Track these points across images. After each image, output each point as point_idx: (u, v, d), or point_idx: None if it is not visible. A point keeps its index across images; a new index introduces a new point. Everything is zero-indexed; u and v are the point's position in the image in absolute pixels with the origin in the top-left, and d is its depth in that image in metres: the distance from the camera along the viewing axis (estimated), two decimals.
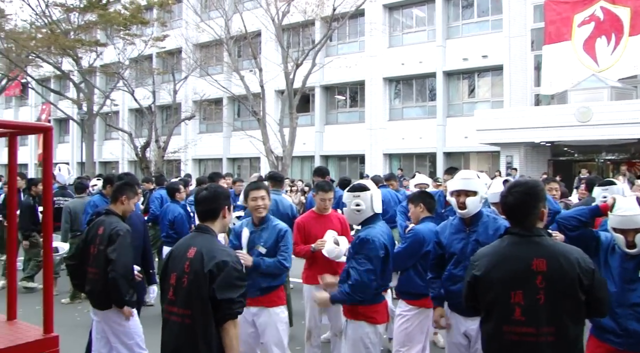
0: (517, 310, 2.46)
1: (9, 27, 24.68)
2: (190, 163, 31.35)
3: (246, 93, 20.06)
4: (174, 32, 26.88)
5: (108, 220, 4.16)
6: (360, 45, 26.14)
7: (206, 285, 2.74)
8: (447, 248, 4.03)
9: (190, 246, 2.90)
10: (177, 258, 2.93)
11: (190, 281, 2.80)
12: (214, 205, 3.03)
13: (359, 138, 25.76)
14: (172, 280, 2.89)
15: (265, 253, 4.30)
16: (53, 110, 34.21)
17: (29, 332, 2.43)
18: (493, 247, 2.68)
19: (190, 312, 2.78)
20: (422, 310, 4.41)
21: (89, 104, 25.08)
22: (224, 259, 2.80)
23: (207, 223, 3.03)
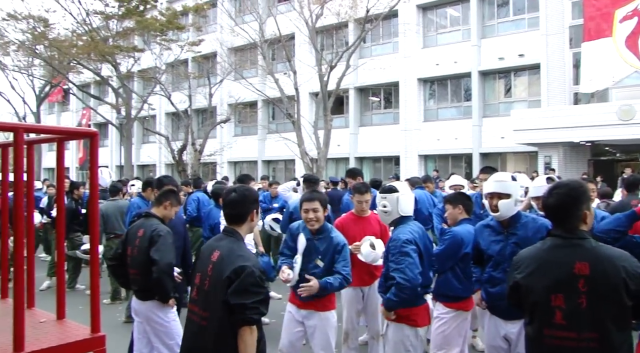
0: (558, 314, 2.41)
1: (52, 36, 25.42)
2: (225, 166, 31.70)
3: (281, 96, 20.19)
4: (209, 36, 27.28)
5: (148, 222, 4.25)
6: (394, 46, 26.02)
7: (224, 291, 2.74)
8: (485, 250, 4.00)
9: (215, 249, 2.91)
10: (203, 260, 2.96)
11: (210, 284, 2.83)
12: (242, 209, 3.01)
13: (393, 139, 25.64)
14: (196, 280, 2.93)
15: (322, 266, 4.19)
16: (93, 115, 35.03)
17: (78, 331, 2.51)
18: (534, 249, 2.63)
19: (208, 314, 2.80)
20: (459, 313, 4.37)
21: (127, 108, 25.62)
22: (242, 264, 2.76)
23: (233, 226, 3.01)
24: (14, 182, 2.24)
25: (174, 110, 25.50)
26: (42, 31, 25.18)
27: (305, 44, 24.10)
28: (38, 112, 32.96)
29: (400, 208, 4.11)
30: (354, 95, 27.10)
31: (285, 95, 20.23)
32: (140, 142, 37.24)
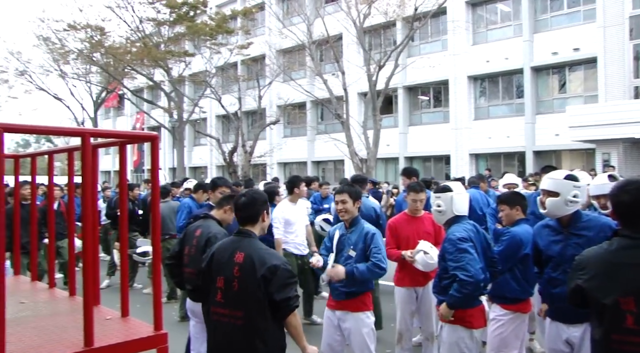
0: (629, 318, 2.29)
1: (108, 44, 26.31)
2: (275, 167, 32.01)
3: (329, 96, 20.24)
4: (257, 39, 27.62)
5: (206, 223, 4.33)
6: (443, 43, 25.67)
7: (260, 288, 2.89)
8: (544, 251, 3.90)
9: (237, 250, 3.02)
10: (222, 262, 3.04)
11: (241, 285, 2.93)
12: (253, 211, 3.18)
13: (443, 138, 25.30)
14: (219, 284, 3.00)
15: (355, 256, 4.27)
16: (146, 119, 36.06)
17: (142, 329, 2.59)
18: (600, 250, 2.49)
19: (242, 313, 2.92)
20: (517, 315, 4.27)
21: (179, 111, 26.24)
22: (274, 263, 2.95)
23: (247, 227, 3.17)
24: (82, 184, 2.34)
25: (225, 113, 25.95)
26: (99, 39, 26.09)
27: (353, 44, 24.07)
28: (95, 117, 34.15)
29: (455, 208, 4.08)
30: (402, 95, 26.89)
31: (334, 95, 20.27)
32: (191, 144, 38.02)
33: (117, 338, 2.42)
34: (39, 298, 3.26)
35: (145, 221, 9.28)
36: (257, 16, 30.23)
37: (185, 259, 4.32)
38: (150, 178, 2.65)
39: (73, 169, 3.16)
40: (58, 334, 2.45)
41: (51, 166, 3.47)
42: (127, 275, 2.76)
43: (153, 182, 2.62)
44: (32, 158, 3.62)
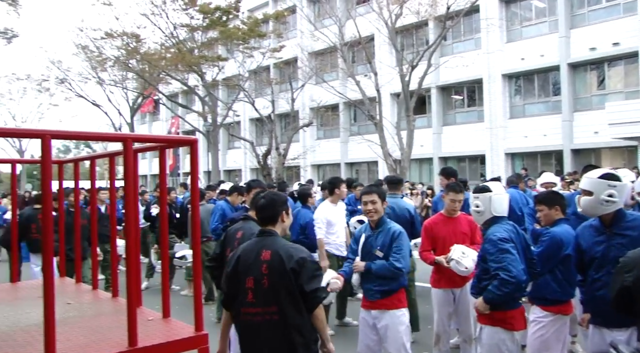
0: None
1: (143, 50, 26.86)
2: (309, 169, 32.11)
3: (362, 97, 20.21)
4: (289, 42, 27.77)
5: (247, 225, 4.38)
6: (476, 42, 25.36)
7: (291, 281, 2.98)
8: (586, 252, 3.81)
9: (262, 249, 3.09)
10: (249, 263, 3.09)
11: (271, 280, 3.01)
12: (272, 212, 3.26)
13: (478, 138, 24.98)
14: (249, 284, 3.06)
15: (382, 257, 4.29)
16: (181, 123, 36.65)
17: (183, 330, 2.64)
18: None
19: (277, 308, 3.00)
20: (558, 317, 4.18)
21: (213, 115, 26.58)
22: (301, 256, 3.06)
23: (269, 227, 3.26)
24: (125, 188, 2.40)
25: (258, 116, 26.16)
26: (135, 46, 26.66)
27: (385, 44, 24.01)
28: (132, 122, 34.85)
29: (494, 208, 4.03)
30: (436, 94, 26.66)
31: (367, 96, 20.23)
32: (226, 148, 38.43)
33: (160, 338, 2.47)
34: (83, 300, 3.35)
35: (182, 224, 9.42)
36: (289, 19, 30.40)
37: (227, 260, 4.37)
38: (190, 182, 2.71)
39: (114, 173, 3.24)
40: (103, 334, 2.52)
41: (93, 171, 3.56)
42: (168, 277, 2.81)
43: (193, 185, 2.67)
44: (75, 163, 3.72)
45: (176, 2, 24.31)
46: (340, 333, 6.74)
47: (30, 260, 9.12)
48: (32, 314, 2.90)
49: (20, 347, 2.32)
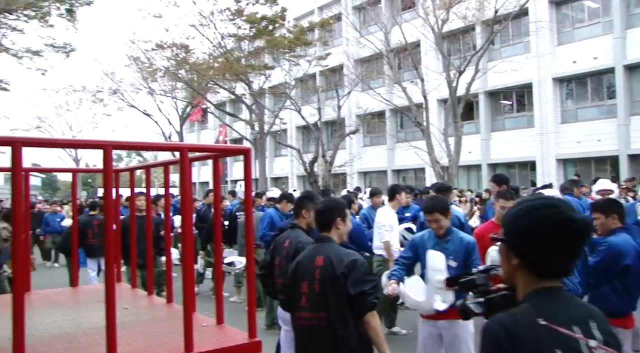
0: None
1: (192, 60, 27.47)
2: (356, 176, 32.06)
3: (409, 104, 20.08)
4: (335, 49, 27.87)
5: (294, 233, 4.41)
6: (525, 46, 24.83)
7: (340, 286, 2.99)
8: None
9: (317, 255, 3.14)
10: (305, 268, 3.16)
11: (322, 286, 3.04)
12: (327, 218, 3.32)
13: (528, 144, 24.41)
14: (303, 289, 3.11)
15: (455, 267, 4.15)
16: (229, 132, 37.23)
17: (236, 336, 2.67)
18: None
19: (326, 314, 3.00)
20: (618, 330, 4.01)
21: (260, 123, 26.89)
22: (352, 259, 3.07)
23: (325, 233, 3.31)
24: (181, 196, 2.46)
25: (304, 124, 26.32)
26: (184, 57, 27.28)
27: (431, 50, 23.80)
28: (181, 131, 35.63)
29: None
30: (484, 100, 26.23)
31: (414, 103, 20.09)
32: (273, 155, 38.79)
33: (214, 344, 2.51)
34: (139, 305, 3.45)
35: (230, 232, 9.55)
36: (334, 27, 30.52)
37: (276, 270, 4.41)
38: (245, 189, 2.76)
39: (169, 181, 3.32)
40: (159, 339, 2.58)
41: (148, 179, 3.66)
42: (222, 284, 2.87)
43: (246, 192, 2.72)
44: (130, 172, 3.84)
45: (224, 13, 24.77)
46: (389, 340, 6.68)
47: (87, 265, 9.44)
48: (92, 317, 3.00)
49: (83, 349, 2.41)
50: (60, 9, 15.26)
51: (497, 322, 1.54)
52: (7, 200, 24.50)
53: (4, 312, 3.14)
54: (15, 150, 2.00)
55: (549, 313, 1.51)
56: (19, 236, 2.01)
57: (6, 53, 18.72)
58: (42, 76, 39.21)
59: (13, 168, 2.00)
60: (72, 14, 15.34)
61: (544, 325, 1.49)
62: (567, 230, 1.55)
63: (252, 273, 2.66)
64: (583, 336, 1.49)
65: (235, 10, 24.73)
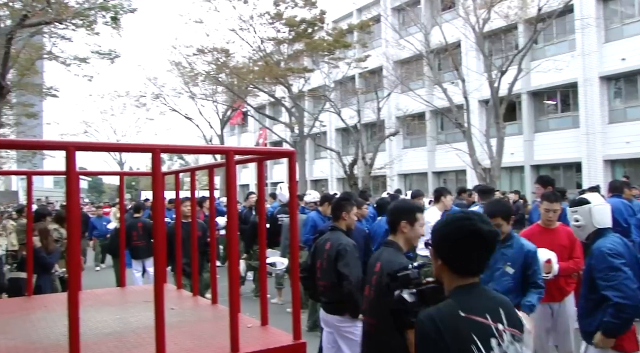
0: None
1: (232, 64, 27.84)
2: (395, 178, 31.87)
3: (449, 105, 19.85)
4: (374, 51, 27.80)
5: (334, 236, 4.41)
6: (570, 44, 24.20)
7: (386, 296, 2.85)
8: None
9: (377, 261, 3.13)
10: (370, 272, 3.18)
11: (375, 293, 3.05)
12: (392, 219, 3.26)
13: (573, 144, 23.76)
14: (365, 292, 3.16)
15: (512, 273, 4.06)
16: (269, 135, 37.50)
17: (281, 337, 2.69)
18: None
19: (375, 321, 3.02)
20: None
21: (300, 126, 27.02)
22: (397, 268, 2.92)
23: (391, 237, 3.25)
24: (227, 198, 2.49)
25: (344, 126, 26.34)
26: (224, 61, 27.67)
27: (472, 50, 23.45)
28: (222, 134, 36.11)
29: (595, 221, 3.78)
30: (527, 100, 25.68)
31: (454, 104, 19.84)
32: (312, 158, 38.90)
33: (260, 345, 2.53)
34: (185, 306, 3.51)
35: (271, 234, 9.62)
36: (374, 28, 30.40)
37: (318, 272, 4.43)
38: (289, 191, 2.78)
39: (214, 184, 3.37)
40: (206, 339, 2.62)
41: (193, 182, 3.72)
42: (266, 286, 2.89)
43: (291, 194, 2.74)
44: (176, 175, 3.91)
45: (263, 17, 25.01)
46: None
47: (132, 266, 9.66)
48: (141, 317, 3.07)
49: (133, 348, 2.47)
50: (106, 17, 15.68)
51: (427, 316, 1.92)
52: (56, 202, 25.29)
53: (58, 310, 3.25)
54: (69, 154, 2.06)
55: (468, 306, 1.89)
56: (74, 238, 2.07)
57: (56, 61, 19.34)
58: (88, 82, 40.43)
59: (67, 172, 2.06)
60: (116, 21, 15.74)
61: (463, 316, 1.87)
62: (477, 239, 1.94)
63: (296, 274, 2.68)
64: (492, 322, 1.88)
65: (274, 14, 24.93)
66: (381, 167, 25.42)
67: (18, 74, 19.32)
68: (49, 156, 32.29)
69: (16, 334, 2.73)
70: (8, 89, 9.88)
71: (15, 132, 26.70)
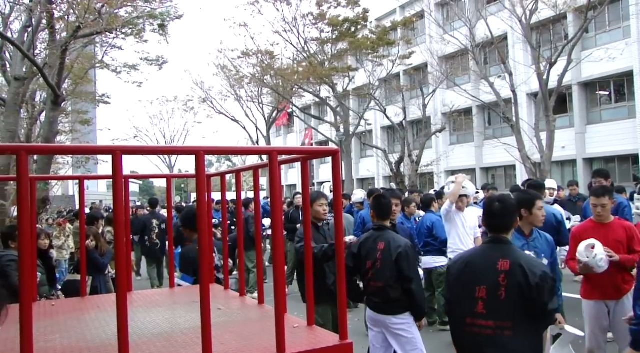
0: None
1: (277, 66, 28.08)
2: (442, 175, 31.46)
3: (497, 99, 19.43)
4: (419, 48, 27.50)
5: (388, 235, 4.38)
6: (625, 31, 23.30)
7: (533, 298, 2.85)
8: None
9: (499, 258, 2.98)
10: (481, 271, 3.03)
11: (511, 293, 2.89)
12: (507, 220, 3.13)
13: (628, 136, 22.89)
14: (480, 293, 2.97)
15: (547, 264, 4.09)
16: (314, 134, 37.65)
17: (328, 338, 2.68)
18: None
19: (512, 323, 2.88)
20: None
21: (345, 125, 27.00)
22: (544, 270, 2.94)
23: (502, 235, 3.11)
24: (271, 198, 2.50)
25: (389, 124, 26.17)
26: (269, 63, 27.94)
27: (519, 42, 22.92)
28: (268, 135, 36.46)
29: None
30: (578, 91, 24.90)
31: (502, 98, 19.42)
32: (358, 156, 38.82)
33: (306, 346, 2.52)
34: (232, 306, 3.53)
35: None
36: (417, 25, 30.11)
37: (369, 273, 4.39)
38: (334, 190, 2.76)
39: (259, 185, 3.39)
40: (252, 340, 2.63)
41: (239, 183, 3.75)
42: (312, 285, 2.88)
43: (336, 194, 2.72)
44: (221, 176, 3.95)
45: (306, 18, 25.12)
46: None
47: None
48: (189, 317, 3.11)
49: (181, 348, 2.50)
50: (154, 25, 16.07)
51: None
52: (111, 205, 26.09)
53: (110, 310, 3.33)
54: (115, 158, 2.10)
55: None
56: (120, 239, 2.11)
57: (107, 69, 19.95)
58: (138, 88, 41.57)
59: (114, 175, 2.11)
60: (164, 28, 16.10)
61: None
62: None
63: (342, 275, 2.66)
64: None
65: (317, 15, 25.01)
66: (428, 164, 25.14)
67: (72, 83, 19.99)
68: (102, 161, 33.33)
69: (70, 333, 2.81)
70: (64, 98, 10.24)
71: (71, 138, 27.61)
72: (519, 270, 2.89)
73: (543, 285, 2.86)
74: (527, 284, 2.86)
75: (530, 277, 2.86)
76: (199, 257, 2.26)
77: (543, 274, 2.88)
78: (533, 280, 2.85)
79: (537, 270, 2.89)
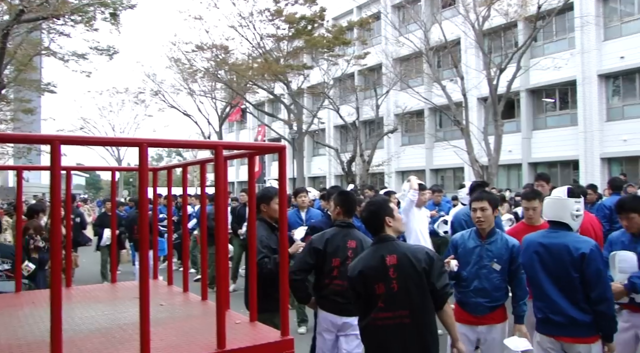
0: None
1: (231, 61, 27.79)
2: (393, 175, 31.88)
3: (448, 103, 19.83)
4: (374, 49, 27.77)
5: (355, 233, 4.21)
6: (570, 42, 24.19)
7: (424, 281, 3.07)
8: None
9: (386, 254, 3.15)
10: (374, 268, 3.15)
11: (402, 284, 3.07)
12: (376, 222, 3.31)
13: (571, 142, 23.78)
14: (379, 290, 3.11)
15: (500, 270, 4.07)
16: (267, 132, 37.48)
17: (269, 334, 2.67)
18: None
19: (409, 311, 3.06)
20: None
21: (298, 123, 27.00)
22: (427, 252, 3.17)
23: (383, 233, 3.30)
24: (215, 193, 2.47)
25: (343, 123, 26.30)
26: (223, 58, 27.62)
27: (471, 48, 23.42)
28: (220, 131, 36.08)
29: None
30: (525, 98, 25.69)
31: (453, 101, 19.82)
32: (310, 155, 38.89)
33: (247, 342, 2.51)
34: (175, 301, 3.48)
35: None
36: (373, 26, 30.37)
37: (335, 272, 4.11)
38: (279, 187, 2.75)
39: (205, 180, 3.35)
40: (193, 336, 2.60)
41: (185, 178, 3.69)
42: (255, 282, 2.87)
43: (281, 190, 2.71)
44: (168, 171, 3.88)
45: (263, 14, 24.95)
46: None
47: (135, 259, 9.65)
48: (128, 314, 3.04)
49: (118, 344, 2.45)
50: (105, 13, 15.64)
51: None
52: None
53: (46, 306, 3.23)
54: (54, 147, 2.04)
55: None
56: (56, 233, 2.05)
57: (54, 57, 19.30)
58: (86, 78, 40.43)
59: (52, 165, 2.04)
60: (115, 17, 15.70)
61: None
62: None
63: (285, 272, 2.66)
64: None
65: (274, 11, 24.87)
66: (379, 164, 25.41)
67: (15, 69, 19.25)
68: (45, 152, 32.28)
69: (0, 330, 2.70)
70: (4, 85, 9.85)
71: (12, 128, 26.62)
72: (405, 261, 3.09)
73: (429, 269, 3.08)
74: (415, 272, 3.07)
75: (416, 265, 3.07)
76: (139, 251, 2.20)
77: (427, 258, 3.10)
78: (419, 267, 3.07)
79: (420, 255, 3.11)
